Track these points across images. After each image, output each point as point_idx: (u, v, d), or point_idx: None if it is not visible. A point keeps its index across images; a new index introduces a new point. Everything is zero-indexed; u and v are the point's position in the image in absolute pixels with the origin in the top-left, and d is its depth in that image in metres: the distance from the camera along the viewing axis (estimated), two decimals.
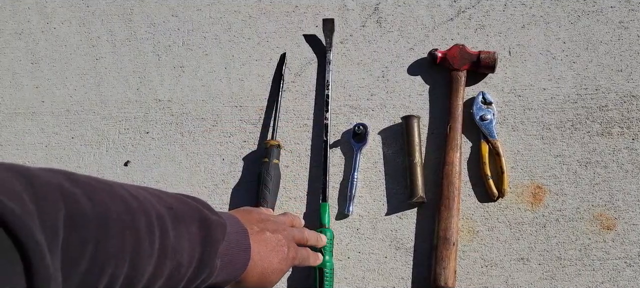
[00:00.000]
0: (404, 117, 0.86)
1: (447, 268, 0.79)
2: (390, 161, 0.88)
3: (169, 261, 0.44)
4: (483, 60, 0.85)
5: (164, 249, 0.43)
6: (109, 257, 0.37)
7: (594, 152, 0.83)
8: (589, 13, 0.88)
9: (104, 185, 0.40)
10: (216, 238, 0.50)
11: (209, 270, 0.50)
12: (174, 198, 0.48)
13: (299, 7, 0.96)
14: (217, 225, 0.50)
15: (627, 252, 0.80)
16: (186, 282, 0.48)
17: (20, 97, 0.99)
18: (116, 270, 0.38)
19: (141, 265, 0.41)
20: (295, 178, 0.89)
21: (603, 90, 0.85)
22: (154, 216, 0.43)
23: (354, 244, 0.85)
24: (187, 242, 0.46)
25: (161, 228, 0.43)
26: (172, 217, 0.45)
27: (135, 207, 0.41)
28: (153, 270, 0.42)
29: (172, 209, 0.46)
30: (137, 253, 0.40)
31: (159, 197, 0.46)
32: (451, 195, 0.82)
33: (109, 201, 0.39)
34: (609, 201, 0.82)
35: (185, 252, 0.46)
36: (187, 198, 0.51)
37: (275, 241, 0.63)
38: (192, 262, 0.47)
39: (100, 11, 1.01)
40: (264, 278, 0.61)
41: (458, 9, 0.91)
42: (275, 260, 0.62)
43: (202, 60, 0.96)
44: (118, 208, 0.39)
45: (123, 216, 0.39)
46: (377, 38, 0.93)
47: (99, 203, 0.37)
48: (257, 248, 0.60)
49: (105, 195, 0.39)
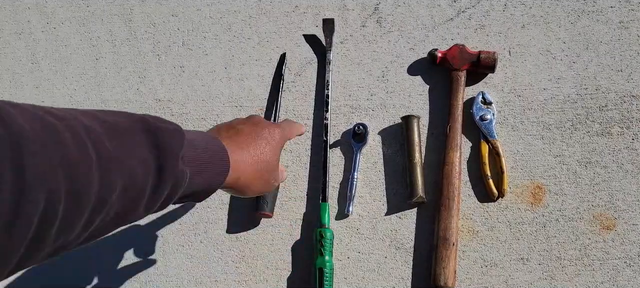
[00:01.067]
0: (404, 117, 0.86)
1: (447, 268, 0.79)
2: (390, 161, 0.88)
3: (117, 172, 0.40)
4: (483, 60, 0.85)
5: (105, 159, 0.39)
6: (36, 173, 0.33)
7: (593, 152, 0.83)
8: (589, 13, 0.88)
9: (16, 108, 0.35)
10: (171, 144, 0.46)
11: (175, 179, 0.46)
12: (109, 113, 0.44)
13: (299, 7, 0.96)
14: (168, 131, 0.46)
15: (627, 252, 0.80)
16: (151, 195, 0.44)
17: (21, 97, 0.99)
18: (50, 186, 0.34)
19: (80, 177, 0.36)
20: (295, 178, 0.89)
21: (603, 90, 0.85)
22: (81, 129, 0.38)
23: (354, 244, 0.85)
24: (134, 152, 0.42)
25: (94, 141, 0.39)
26: (107, 129, 0.41)
27: (55, 124, 0.37)
28: (99, 182, 0.38)
29: (106, 122, 0.42)
30: (69, 165, 0.36)
31: (89, 113, 0.42)
32: (451, 195, 0.82)
33: (22, 122, 0.34)
34: (608, 201, 0.82)
35: (136, 162, 0.42)
36: (130, 114, 0.46)
37: (250, 129, 0.60)
38: (148, 173, 0.43)
39: (100, 11, 1.01)
40: (260, 169, 0.59)
41: (458, 9, 0.91)
42: (262, 146, 0.59)
43: (202, 60, 0.96)
44: (35, 126, 0.35)
45: (41, 133, 0.35)
46: (377, 38, 0.93)
47: (9, 124, 0.33)
48: (234, 144, 0.57)
49: (19, 117, 0.34)
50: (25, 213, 0.33)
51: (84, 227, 0.39)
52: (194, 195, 0.52)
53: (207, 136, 0.54)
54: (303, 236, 0.87)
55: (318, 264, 0.82)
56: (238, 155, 0.57)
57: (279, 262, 0.87)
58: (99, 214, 0.40)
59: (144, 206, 0.45)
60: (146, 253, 0.90)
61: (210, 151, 0.52)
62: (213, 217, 0.89)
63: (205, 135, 0.54)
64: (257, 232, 0.88)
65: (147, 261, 0.89)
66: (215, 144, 0.54)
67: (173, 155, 0.46)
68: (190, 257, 0.89)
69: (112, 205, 0.40)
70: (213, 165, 0.52)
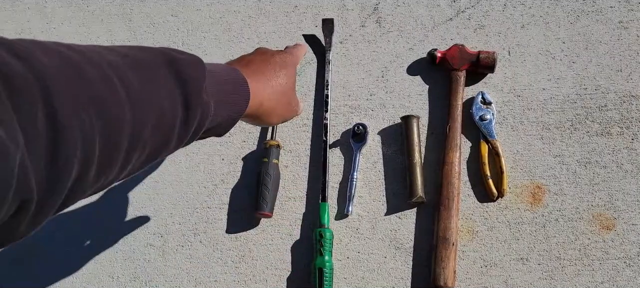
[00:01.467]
0: (404, 117, 0.86)
1: (447, 268, 0.79)
2: (389, 161, 0.88)
3: (147, 107, 0.39)
4: (482, 60, 0.85)
5: (132, 94, 0.38)
6: (68, 111, 0.32)
7: (593, 152, 0.83)
8: (589, 13, 0.88)
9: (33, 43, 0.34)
10: (194, 76, 0.45)
11: (202, 110, 0.45)
12: (128, 48, 0.43)
13: (299, 7, 0.96)
14: (190, 63, 0.45)
15: (627, 252, 0.80)
16: (180, 128, 0.44)
17: None
18: (84, 124, 0.33)
19: (112, 115, 0.35)
20: (294, 178, 0.89)
21: (602, 90, 0.85)
22: (105, 64, 0.37)
23: (354, 244, 0.85)
24: (160, 85, 0.41)
25: (119, 75, 0.37)
26: (130, 64, 0.40)
27: (77, 59, 0.35)
28: (131, 119, 0.37)
29: (128, 56, 0.40)
30: (100, 101, 0.35)
31: (110, 48, 0.41)
32: (451, 195, 0.82)
33: (42, 57, 0.32)
34: (608, 201, 0.82)
35: (163, 96, 0.41)
36: (150, 48, 0.45)
37: (261, 58, 0.60)
38: (176, 106, 0.42)
39: (100, 11, 1.01)
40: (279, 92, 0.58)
41: (457, 9, 0.91)
42: (277, 71, 0.59)
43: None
44: (56, 63, 0.33)
45: (64, 69, 0.33)
46: (376, 38, 0.93)
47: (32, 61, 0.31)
48: (249, 72, 0.56)
49: (37, 52, 0.33)
50: (63, 156, 0.32)
51: (121, 166, 0.38)
52: (217, 127, 0.52)
53: (224, 66, 0.54)
54: (303, 236, 0.87)
55: (318, 264, 0.82)
56: (256, 82, 0.56)
57: (279, 262, 0.87)
58: (135, 152, 0.39)
59: (175, 140, 0.44)
60: (146, 253, 0.90)
61: (231, 80, 0.52)
62: (213, 217, 0.89)
63: (223, 66, 0.54)
64: (257, 232, 0.88)
65: (147, 261, 0.89)
66: (234, 73, 0.53)
67: (198, 87, 0.45)
68: (190, 257, 0.89)
69: (146, 141, 0.40)
70: (235, 94, 0.52)
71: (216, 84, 0.49)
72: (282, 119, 0.62)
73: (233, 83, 0.52)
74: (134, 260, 0.90)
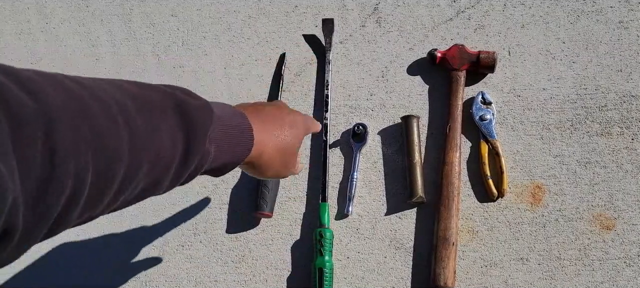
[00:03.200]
0: (404, 117, 0.86)
1: (447, 268, 0.79)
2: (389, 161, 0.88)
3: (146, 149, 0.40)
4: (482, 60, 0.85)
5: (135, 135, 0.39)
6: (66, 147, 0.32)
7: (593, 152, 0.83)
8: (589, 13, 0.88)
9: (44, 77, 0.35)
10: (200, 121, 0.45)
11: (201, 155, 0.46)
12: (140, 87, 0.43)
13: (299, 7, 0.96)
14: (199, 108, 0.46)
15: (627, 252, 0.80)
16: (176, 171, 0.44)
17: None
18: (79, 161, 0.33)
19: (110, 153, 0.36)
20: (295, 178, 0.89)
21: (603, 90, 0.85)
22: (113, 104, 0.38)
23: (354, 244, 0.85)
24: (163, 128, 0.42)
25: (125, 116, 0.38)
26: (138, 105, 0.40)
27: (86, 96, 0.36)
28: (129, 159, 0.38)
29: (137, 98, 0.41)
30: (100, 139, 0.35)
31: (121, 87, 0.41)
32: (451, 195, 0.82)
33: (51, 92, 0.33)
34: (608, 201, 0.82)
35: (164, 139, 0.42)
36: (160, 86, 0.46)
37: (275, 111, 0.60)
38: (176, 150, 0.43)
39: (100, 11, 1.01)
40: (281, 150, 0.59)
41: (457, 9, 0.91)
42: (285, 129, 0.59)
43: (202, 60, 0.96)
44: (64, 99, 0.34)
45: (71, 106, 0.34)
46: (376, 38, 0.93)
47: (40, 96, 0.32)
48: (258, 121, 0.56)
49: (47, 86, 0.33)
50: (53, 193, 0.32)
51: (109, 202, 0.39)
52: (216, 170, 0.52)
53: (234, 111, 0.54)
54: (303, 236, 0.87)
55: (318, 264, 0.82)
56: (262, 132, 0.57)
57: (279, 262, 0.87)
58: (126, 190, 0.40)
59: (168, 181, 0.45)
60: (146, 253, 0.90)
61: (237, 127, 0.53)
62: (213, 217, 0.89)
63: (232, 110, 0.54)
64: (257, 232, 0.88)
65: (147, 261, 0.89)
66: (242, 120, 0.54)
67: (202, 134, 0.46)
68: (190, 257, 0.89)
69: (139, 181, 0.40)
70: (238, 141, 0.53)
71: (221, 129, 0.50)
72: (276, 175, 0.62)
73: (238, 130, 0.53)
74: (134, 260, 0.90)
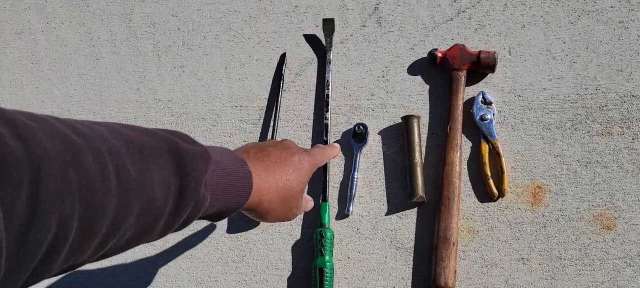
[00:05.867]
0: (404, 117, 0.86)
1: (447, 268, 0.79)
2: (390, 161, 0.88)
3: (136, 196, 0.39)
4: (483, 60, 0.85)
5: (124, 183, 0.38)
6: (50, 196, 0.32)
7: (594, 152, 0.83)
8: (589, 13, 0.88)
9: (40, 123, 0.34)
10: (195, 168, 0.44)
11: (195, 202, 0.45)
12: (137, 131, 0.43)
13: (299, 7, 0.96)
14: (195, 155, 0.45)
15: (627, 251, 0.80)
16: (168, 218, 0.43)
17: (20, 97, 0.99)
18: (64, 210, 0.33)
19: (96, 202, 0.36)
20: None
21: (603, 90, 0.85)
22: (105, 151, 0.38)
23: (354, 244, 0.85)
24: (156, 175, 0.41)
25: (116, 163, 0.38)
26: (132, 150, 0.40)
27: (79, 144, 0.36)
28: (116, 207, 0.37)
29: (132, 142, 0.41)
30: (87, 189, 0.35)
31: (117, 131, 0.41)
32: (451, 195, 0.82)
33: (44, 139, 0.33)
34: (609, 201, 0.82)
35: (157, 185, 0.41)
36: (158, 130, 0.45)
37: (279, 154, 0.58)
38: (168, 196, 0.42)
39: (100, 11, 1.01)
40: (284, 196, 0.57)
41: (458, 9, 0.91)
42: (289, 172, 0.58)
43: (202, 60, 0.96)
44: (56, 146, 0.34)
45: (63, 154, 0.34)
46: (377, 38, 0.93)
47: (30, 143, 0.32)
48: (261, 166, 0.55)
49: (40, 133, 0.33)
50: (34, 239, 0.32)
51: (95, 250, 0.38)
52: (213, 216, 0.51)
53: (234, 157, 0.53)
54: (303, 236, 0.87)
55: (318, 264, 0.82)
56: (263, 179, 0.55)
57: (279, 262, 0.87)
58: (113, 238, 0.39)
59: (160, 229, 0.44)
60: (146, 253, 0.90)
61: (236, 174, 0.51)
62: None
63: (232, 156, 0.53)
64: (257, 232, 0.88)
65: (147, 261, 0.89)
66: (241, 168, 0.52)
67: (196, 180, 0.45)
68: (190, 257, 0.89)
69: (127, 228, 0.40)
70: (236, 189, 0.51)
71: (219, 176, 0.49)
72: (278, 220, 0.60)
73: (237, 177, 0.51)
74: (135, 260, 0.90)
